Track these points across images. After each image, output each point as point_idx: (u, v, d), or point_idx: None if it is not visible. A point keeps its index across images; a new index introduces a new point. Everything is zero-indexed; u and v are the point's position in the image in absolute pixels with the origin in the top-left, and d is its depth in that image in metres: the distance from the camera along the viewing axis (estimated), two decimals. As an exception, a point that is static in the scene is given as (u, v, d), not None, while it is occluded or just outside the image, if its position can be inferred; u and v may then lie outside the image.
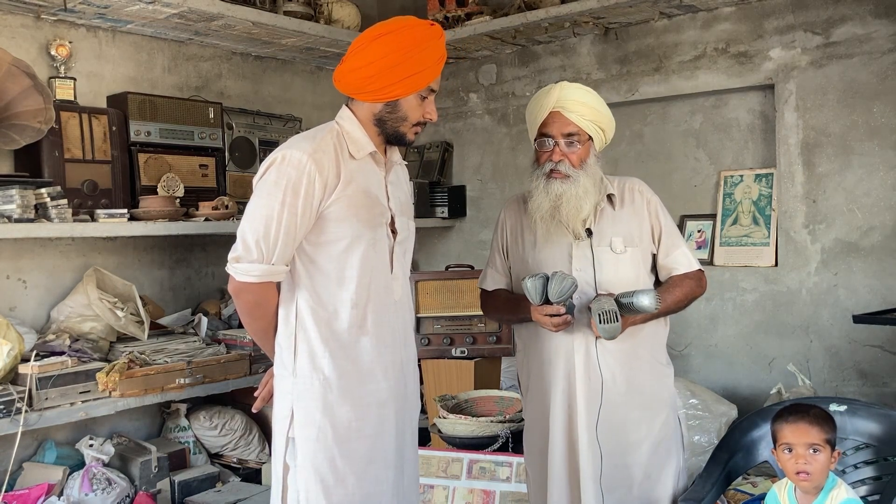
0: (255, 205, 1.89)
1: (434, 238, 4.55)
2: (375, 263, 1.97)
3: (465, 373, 3.39)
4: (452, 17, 3.99)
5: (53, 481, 2.93)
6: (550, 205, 2.20)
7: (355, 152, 1.95)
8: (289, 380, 1.94)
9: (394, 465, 1.99)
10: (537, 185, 2.23)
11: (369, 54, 1.91)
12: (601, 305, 2.07)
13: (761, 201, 3.55)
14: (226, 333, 3.45)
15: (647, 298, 2.07)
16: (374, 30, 1.95)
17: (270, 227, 1.85)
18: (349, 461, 1.91)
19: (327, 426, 1.90)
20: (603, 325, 2.05)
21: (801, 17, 3.35)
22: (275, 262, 1.87)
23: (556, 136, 2.21)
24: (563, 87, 2.23)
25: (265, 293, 1.93)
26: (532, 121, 2.28)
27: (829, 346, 3.31)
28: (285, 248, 1.87)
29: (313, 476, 1.89)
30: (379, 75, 1.90)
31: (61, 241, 3.27)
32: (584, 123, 2.21)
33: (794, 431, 2.00)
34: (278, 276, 1.91)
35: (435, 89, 2.01)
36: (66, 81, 3.20)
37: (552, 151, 2.22)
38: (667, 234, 2.30)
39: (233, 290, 1.94)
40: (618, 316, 2.05)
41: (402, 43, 1.90)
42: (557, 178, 2.20)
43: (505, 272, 2.43)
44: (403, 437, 2.04)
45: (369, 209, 1.96)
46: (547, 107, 2.21)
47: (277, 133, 4.01)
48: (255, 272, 1.87)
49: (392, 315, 2.01)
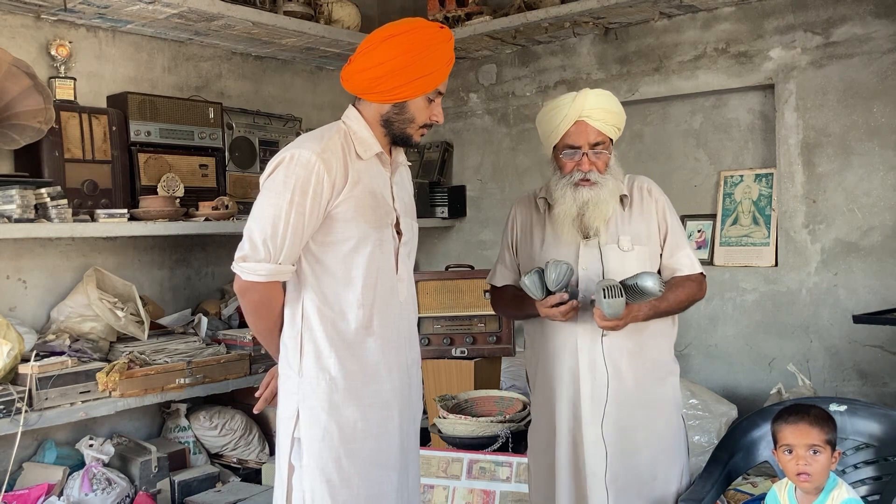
0: (262, 204, 1.88)
1: (434, 238, 4.55)
2: (381, 264, 1.97)
3: (465, 373, 3.39)
4: (452, 17, 3.99)
5: (53, 481, 2.93)
6: (577, 211, 2.22)
7: (362, 153, 1.95)
8: (294, 380, 1.94)
9: (398, 466, 1.99)
10: (563, 194, 2.23)
11: (379, 55, 1.91)
12: (606, 283, 2.08)
13: (761, 201, 3.55)
14: (226, 333, 3.45)
15: (650, 280, 2.07)
16: (384, 31, 1.94)
17: (278, 226, 1.85)
18: (354, 462, 1.91)
19: (333, 426, 1.90)
20: (608, 300, 2.05)
21: (801, 17, 3.35)
22: (281, 262, 1.87)
23: (583, 147, 2.21)
24: (586, 96, 2.21)
25: (271, 293, 1.93)
26: (552, 130, 2.25)
27: (829, 346, 3.31)
28: (292, 247, 1.87)
29: (319, 476, 1.89)
30: (388, 76, 1.90)
31: (61, 241, 3.27)
32: (608, 129, 2.23)
33: (795, 433, 1.99)
34: (284, 276, 1.90)
35: (443, 92, 2.01)
36: (66, 81, 3.20)
37: (580, 161, 2.22)
38: (672, 234, 2.30)
39: (238, 289, 1.94)
40: (622, 292, 2.05)
41: (412, 45, 1.90)
42: (586, 185, 2.21)
43: (514, 268, 2.45)
44: (407, 439, 2.04)
45: (375, 210, 1.96)
46: (572, 117, 2.20)
47: (277, 133, 4.01)
48: (261, 271, 1.86)
49: (397, 316, 2.01)
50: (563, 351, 2.26)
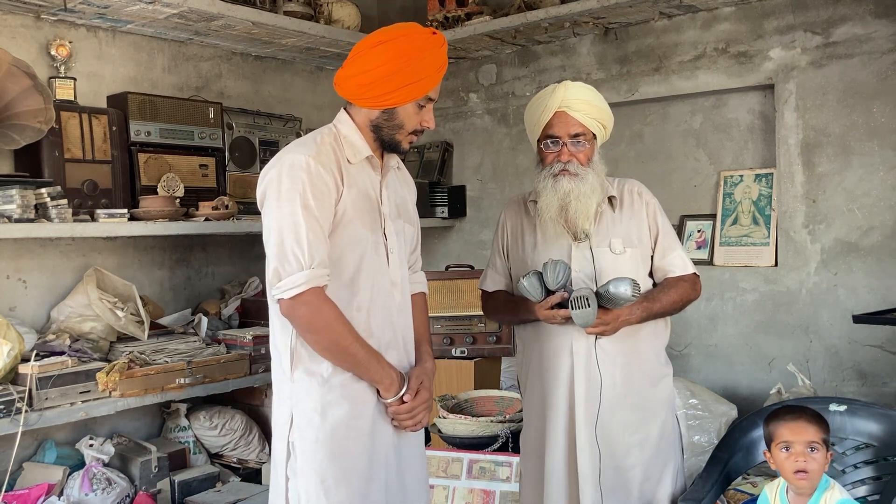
0: (276, 216, 1.85)
1: (434, 238, 4.55)
2: (377, 266, 1.97)
3: (465, 373, 3.40)
4: (452, 17, 3.99)
5: (53, 481, 2.93)
6: (559, 204, 2.21)
7: (351, 156, 1.95)
8: (287, 385, 1.93)
9: (394, 464, 1.99)
10: (545, 186, 2.23)
11: (368, 61, 1.90)
12: (576, 293, 2.08)
13: (761, 201, 3.55)
14: (226, 333, 3.45)
15: (622, 285, 2.07)
16: (374, 36, 1.94)
17: (300, 232, 1.82)
18: (348, 461, 1.90)
19: (326, 427, 1.89)
20: (575, 311, 2.06)
21: (801, 17, 3.35)
22: (315, 266, 1.83)
23: (563, 137, 2.21)
24: (566, 87, 2.23)
25: (318, 300, 1.84)
26: (535, 122, 2.27)
27: (829, 346, 3.31)
28: (320, 247, 1.84)
29: (314, 478, 1.88)
30: (376, 83, 1.90)
31: (61, 241, 3.27)
32: (588, 122, 2.22)
33: (793, 430, 2.00)
34: (323, 279, 1.85)
35: (434, 98, 2.00)
36: (66, 81, 3.20)
37: (560, 152, 2.22)
38: (664, 235, 2.30)
39: (286, 313, 1.86)
40: (589, 302, 2.05)
41: (401, 51, 1.89)
42: (566, 176, 2.20)
43: (505, 273, 2.44)
44: (402, 437, 2.03)
45: (370, 212, 1.96)
46: (552, 107, 2.21)
47: (277, 133, 4.01)
48: (300, 281, 1.82)
49: (395, 318, 2.02)
50: (557, 354, 2.26)
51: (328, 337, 1.87)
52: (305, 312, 1.84)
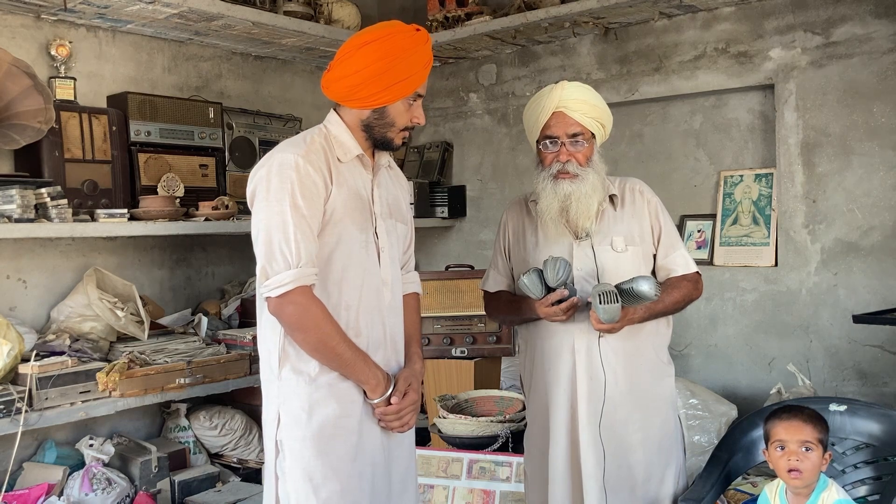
0: (265, 215, 1.87)
1: (434, 238, 4.55)
2: (368, 265, 1.97)
3: (465, 373, 3.39)
4: (452, 17, 3.99)
5: (53, 481, 2.93)
6: (560, 205, 2.21)
7: (342, 156, 1.96)
8: (275, 383, 1.94)
9: (381, 462, 2.00)
10: (544, 187, 2.23)
11: (355, 63, 1.91)
12: (601, 288, 2.07)
13: (761, 201, 3.55)
14: (226, 333, 3.45)
15: (646, 284, 2.07)
16: (358, 37, 1.95)
17: (288, 231, 1.83)
18: (335, 459, 1.91)
19: (313, 426, 1.89)
20: (603, 306, 2.05)
21: (801, 17, 3.35)
22: (302, 265, 1.84)
23: (561, 137, 2.21)
24: (563, 87, 2.23)
25: (305, 299, 1.85)
26: (533, 123, 2.27)
27: (829, 346, 3.31)
28: (308, 247, 1.85)
29: (301, 475, 1.89)
30: (366, 84, 1.91)
31: (61, 241, 3.27)
32: (587, 121, 2.22)
33: (788, 429, 2.00)
34: (310, 279, 1.86)
35: (422, 94, 2.01)
36: (66, 81, 3.20)
37: (558, 152, 2.22)
38: (666, 234, 2.30)
39: (274, 311, 1.87)
40: (618, 298, 2.05)
41: (387, 51, 1.90)
42: (566, 178, 2.20)
43: (507, 274, 2.44)
44: (390, 436, 2.03)
45: (361, 211, 1.97)
46: (549, 108, 2.21)
47: (277, 133, 4.01)
48: (287, 280, 1.83)
49: (385, 318, 2.02)
50: (560, 353, 2.26)
51: (315, 336, 1.87)
52: (293, 311, 1.85)
